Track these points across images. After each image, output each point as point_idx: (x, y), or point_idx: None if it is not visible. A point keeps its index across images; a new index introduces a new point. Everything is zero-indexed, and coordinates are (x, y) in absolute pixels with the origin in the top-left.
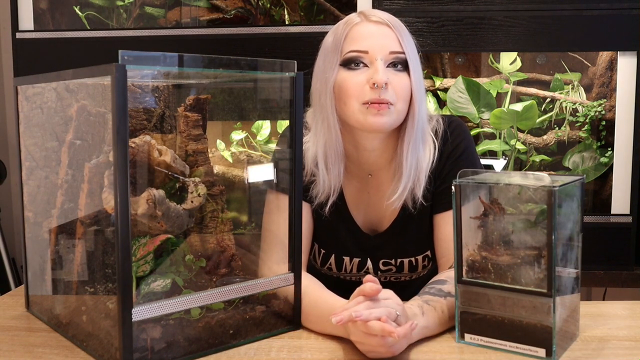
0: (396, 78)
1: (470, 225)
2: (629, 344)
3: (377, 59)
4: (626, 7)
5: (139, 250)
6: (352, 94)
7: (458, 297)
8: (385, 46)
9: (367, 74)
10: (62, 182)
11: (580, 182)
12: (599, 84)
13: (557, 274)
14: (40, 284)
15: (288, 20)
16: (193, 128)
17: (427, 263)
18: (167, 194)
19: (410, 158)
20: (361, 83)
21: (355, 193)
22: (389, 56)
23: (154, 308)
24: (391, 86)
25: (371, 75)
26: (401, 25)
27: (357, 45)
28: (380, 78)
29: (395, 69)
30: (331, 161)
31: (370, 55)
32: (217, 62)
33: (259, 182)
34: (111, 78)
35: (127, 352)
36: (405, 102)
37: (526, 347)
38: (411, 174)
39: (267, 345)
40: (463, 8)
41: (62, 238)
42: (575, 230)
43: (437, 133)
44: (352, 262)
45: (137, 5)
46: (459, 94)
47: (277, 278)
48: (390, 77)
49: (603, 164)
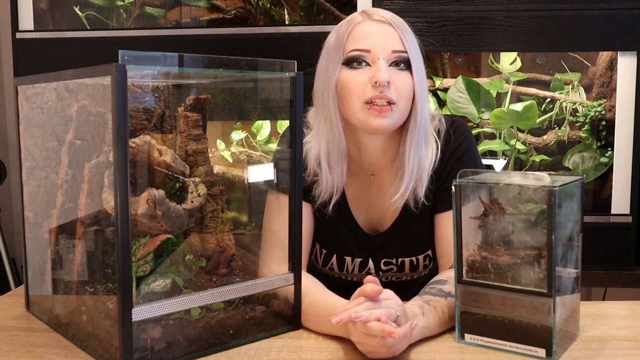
0: (398, 77)
1: (470, 225)
2: (629, 344)
3: (379, 58)
4: (626, 7)
5: (139, 250)
6: (354, 93)
7: (458, 297)
8: (388, 45)
9: (369, 72)
10: (62, 182)
11: (580, 182)
12: (599, 84)
13: (557, 274)
14: (40, 284)
15: (288, 20)
16: (193, 128)
17: (428, 263)
18: (167, 194)
19: (412, 157)
20: (363, 82)
21: (357, 193)
22: (392, 55)
23: (154, 308)
24: (393, 85)
25: (373, 74)
26: (404, 24)
27: (360, 44)
28: (382, 76)
29: (398, 67)
30: (334, 160)
31: (372, 54)
32: (217, 62)
33: (259, 182)
34: (111, 78)
35: (127, 352)
36: (408, 102)
37: (526, 347)
38: (413, 174)
39: (267, 345)
40: (463, 8)
41: (62, 238)
42: (575, 230)
43: (440, 133)
44: (354, 262)
45: (137, 5)
46: (459, 94)
47: (277, 278)
48: (393, 76)
49: (603, 164)
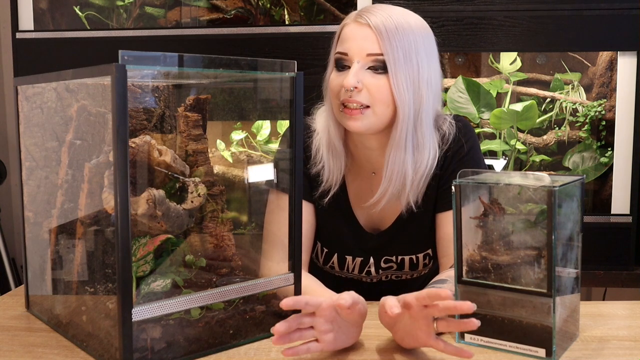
0: (373, 81)
1: (471, 225)
2: (629, 344)
3: (354, 62)
4: (626, 7)
5: (139, 250)
6: (334, 94)
7: (458, 297)
8: (364, 48)
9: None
10: (62, 182)
11: (580, 182)
12: (599, 84)
13: (557, 274)
14: (40, 284)
15: (288, 20)
16: (193, 128)
17: (428, 261)
18: (167, 194)
19: (391, 161)
20: (340, 84)
21: (358, 191)
22: (367, 58)
23: (154, 308)
24: (366, 89)
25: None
26: (389, 26)
27: (342, 47)
28: (347, 81)
29: (375, 71)
30: (332, 154)
31: (349, 58)
32: (217, 62)
33: (258, 182)
34: (111, 78)
35: (127, 352)
36: (386, 105)
37: (526, 347)
38: (392, 178)
39: (267, 345)
40: (463, 8)
41: (62, 238)
42: (575, 230)
43: (448, 135)
44: (355, 261)
45: (137, 5)
46: (459, 94)
47: (277, 278)
48: (367, 80)
49: (603, 164)
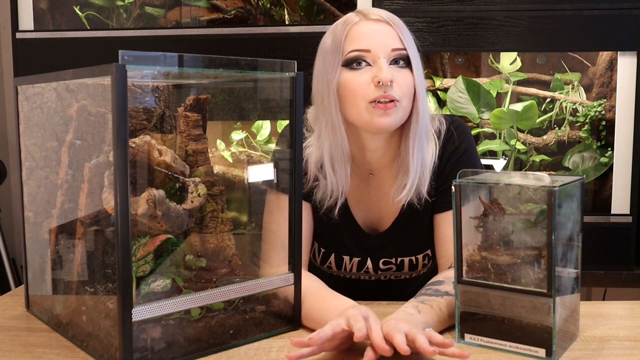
0: (400, 75)
1: (470, 225)
2: (629, 344)
3: (380, 57)
4: (626, 7)
5: (139, 250)
6: (357, 94)
7: (458, 297)
8: (387, 44)
9: (371, 72)
10: (62, 182)
11: (580, 182)
12: (599, 84)
13: (557, 274)
14: (40, 284)
15: (288, 20)
16: (193, 128)
17: (428, 262)
18: (167, 194)
19: (416, 155)
20: (366, 82)
21: (356, 193)
22: (391, 53)
23: (154, 308)
24: (396, 83)
25: (375, 74)
26: (400, 22)
27: (359, 45)
28: (385, 76)
29: (398, 65)
30: (337, 163)
31: (372, 54)
32: (217, 62)
33: (259, 182)
34: (111, 78)
35: (127, 352)
36: (410, 99)
37: (526, 347)
38: (417, 171)
39: (267, 345)
40: (463, 8)
41: (62, 238)
42: (575, 230)
43: (440, 133)
44: (352, 261)
45: (137, 5)
46: (459, 94)
47: (277, 278)
48: (394, 75)
49: (603, 164)
